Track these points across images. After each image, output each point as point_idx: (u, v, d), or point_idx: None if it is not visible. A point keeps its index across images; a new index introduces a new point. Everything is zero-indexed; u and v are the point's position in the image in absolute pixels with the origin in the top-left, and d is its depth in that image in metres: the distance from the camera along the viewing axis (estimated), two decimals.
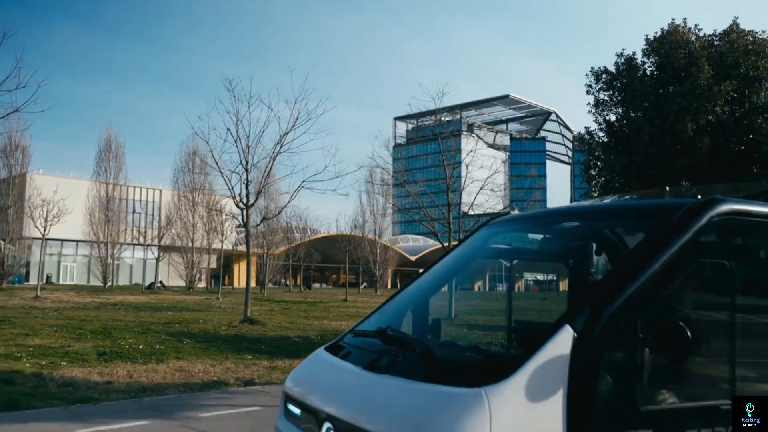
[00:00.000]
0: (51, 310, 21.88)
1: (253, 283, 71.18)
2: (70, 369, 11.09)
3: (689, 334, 2.21)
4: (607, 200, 4.39)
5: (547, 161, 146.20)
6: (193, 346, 14.31)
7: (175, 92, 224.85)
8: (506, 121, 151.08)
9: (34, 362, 11.47)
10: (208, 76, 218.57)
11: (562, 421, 2.20)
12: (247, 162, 18.45)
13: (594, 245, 3.38)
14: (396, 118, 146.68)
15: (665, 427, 2.42)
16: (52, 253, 52.10)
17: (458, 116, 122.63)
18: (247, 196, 18.71)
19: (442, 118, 33.12)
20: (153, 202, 61.10)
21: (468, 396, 2.16)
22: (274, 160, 18.93)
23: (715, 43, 10.92)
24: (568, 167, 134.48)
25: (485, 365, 2.43)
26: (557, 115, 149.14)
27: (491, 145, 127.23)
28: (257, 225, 23.63)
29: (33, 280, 49.19)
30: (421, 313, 3.49)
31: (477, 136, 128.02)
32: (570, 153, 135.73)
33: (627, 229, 3.19)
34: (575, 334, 2.27)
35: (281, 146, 18.61)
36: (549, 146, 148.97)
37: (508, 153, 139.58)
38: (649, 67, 11.41)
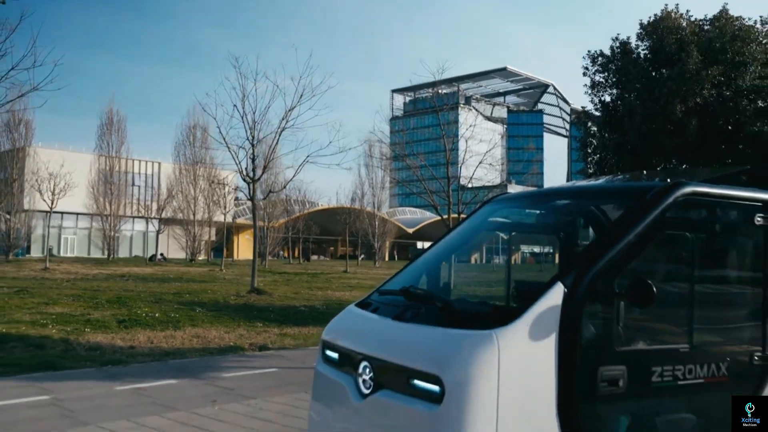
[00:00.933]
0: (63, 281, 22.55)
1: (252, 255, 71.93)
2: (94, 335, 11.77)
3: (654, 288, 2.83)
4: (593, 181, 5.01)
5: (545, 134, 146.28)
6: (205, 314, 14.98)
7: (170, 64, 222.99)
8: (504, 94, 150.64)
9: (60, 328, 12.15)
10: (202, 46, 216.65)
11: (554, 356, 2.83)
12: (253, 137, 18.98)
13: (582, 219, 4.01)
14: (393, 91, 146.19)
15: (635, 364, 3.05)
16: (52, 226, 52.62)
17: (456, 88, 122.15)
18: (254, 170, 19.25)
19: (440, 91, 33.31)
20: (152, 174, 61.52)
21: (481, 336, 2.78)
22: (279, 136, 19.43)
23: (705, 28, 11.44)
24: (566, 140, 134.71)
25: (494, 313, 3.06)
26: (555, 88, 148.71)
27: (488, 118, 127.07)
28: (263, 198, 24.20)
29: (35, 253, 49.86)
30: (434, 277, 4.11)
31: (474, 108, 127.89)
32: (567, 126, 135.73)
33: (609, 206, 3.80)
34: (565, 290, 2.89)
35: (286, 122, 19.12)
36: (546, 119, 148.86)
37: (505, 125, 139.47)
38: (643, 50, 11.94)
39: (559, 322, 2.85)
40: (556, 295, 2.87)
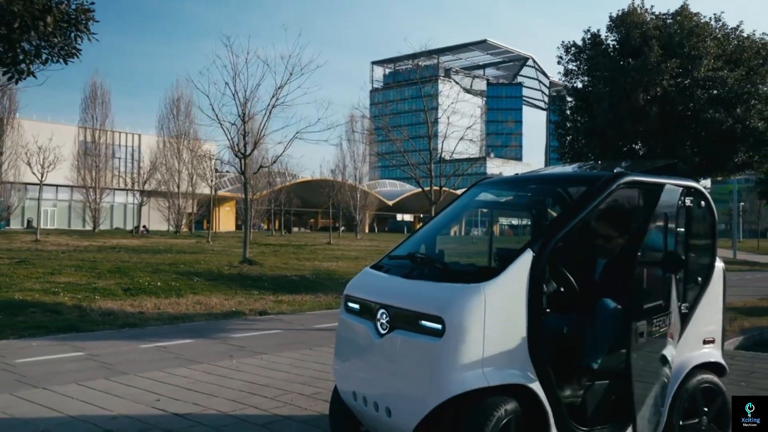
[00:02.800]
0: (59, 253, 23.17)
1: (233, 227, 72.26)
2: (104, 302, 12.64)
3: (683, 258, 3.83)
4: (560, 169, 6.03)
5: (524, 107, 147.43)
6: (203, 283, 15.86)
7: (149, 34, 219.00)
8: (483, 67, 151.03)
9: (71, 296, 12.98)
10: (187, 19, 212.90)
11: (525, 302, 3.83)
12: (244, 114, 19.65)
13: (550, 200, 5.03)
14: (373, 62, 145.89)
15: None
16: (32, 198, 52.50)
17: (435, 61, 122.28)
18: (245, 146, 19.99)
19: (420, 63, 33.78)
20: (132, 146, 61.48)
21: (472, 288, 3.76)
22: (270, 113, 20.12)
23: (668, 22, 12.51)
24: (544, 113, 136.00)
25: (481, 272, 4.05)
26: (534, 61, 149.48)
27: (468, 90, 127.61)
28: (255, 173, 24.94)
29: (13, 225, 49.89)
30: (431, 245, 5.08)
31: (454, 81, 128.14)
32: (546, 99, 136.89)
33: (569, 189, 4.79)
34: (533, 254, 3.88)
35: (276, 99, 19.81)
36: (525, 92, 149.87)
37: (484, 98, 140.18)
38: (612, 41, 13.01)
39: (528, 277, 3.85)
40: (526, 258, 3.87)
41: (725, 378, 5.13)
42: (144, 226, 52.76)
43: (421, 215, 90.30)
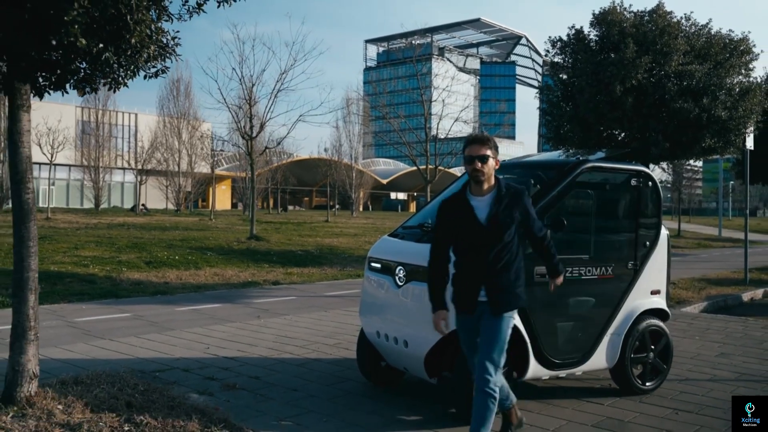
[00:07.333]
0: (74, 230, 24.23)
1: (229, 206, 72.92)
2: (131, 273, 13.81)
3: (565, 222, 5.06)
4: (540, 156, 7.26)
5: (517, 85, 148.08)
6: (216, 257, 17.03)
7: None
8: (477, 45, 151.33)
9: (100, 268, 14.13)
10: None
11: None
12: (250, 98, 20.69)
13: (532, 180, 6.22)
14: (367, 41, 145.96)
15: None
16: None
17: (429, 39, 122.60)
18: (251, 128, 21.05)
19: (413, 42, 34.63)
20: (129, 126, 62.26)
21: None
22: (276, 96, 21.16)
23: (644, 20, 13.78)
24: (537, 92, 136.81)
25: None
26: (527, 40, 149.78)
27: (462, 69, 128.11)
28: (260, 154, 26.02)
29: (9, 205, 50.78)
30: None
31: (449, 60, 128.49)
32: (539, 78, 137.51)
33: (546, 172, 5.98)
34: None
35: (281, 84, 20.86)
36: (519, 70, 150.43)
37: (478, 77, 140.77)
38: (594, 36, 14.27)
39: None
40: None
41: (682, 333, 6.36)
42: (143, 205, 53.79)
43: (415, 194, 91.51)
